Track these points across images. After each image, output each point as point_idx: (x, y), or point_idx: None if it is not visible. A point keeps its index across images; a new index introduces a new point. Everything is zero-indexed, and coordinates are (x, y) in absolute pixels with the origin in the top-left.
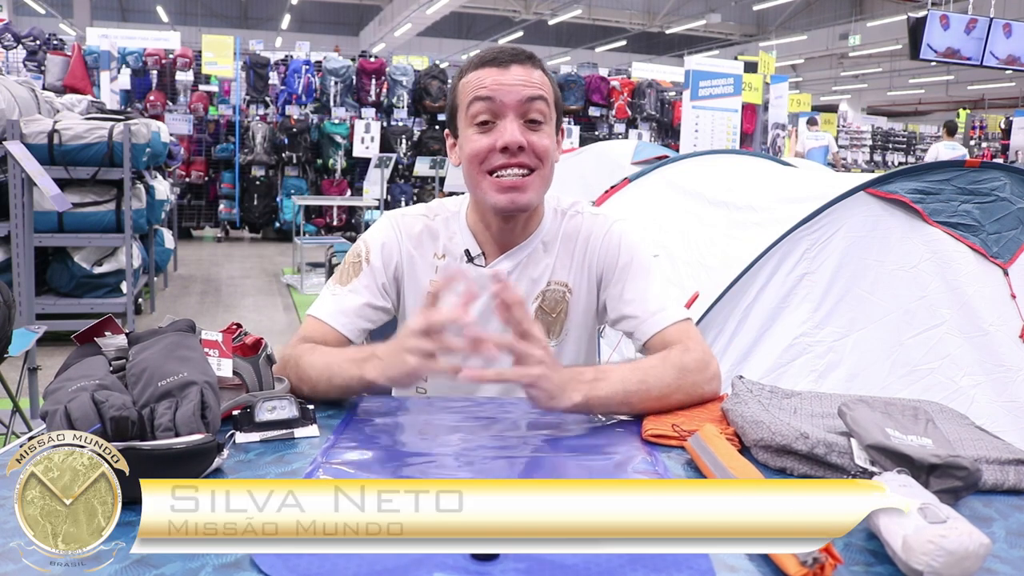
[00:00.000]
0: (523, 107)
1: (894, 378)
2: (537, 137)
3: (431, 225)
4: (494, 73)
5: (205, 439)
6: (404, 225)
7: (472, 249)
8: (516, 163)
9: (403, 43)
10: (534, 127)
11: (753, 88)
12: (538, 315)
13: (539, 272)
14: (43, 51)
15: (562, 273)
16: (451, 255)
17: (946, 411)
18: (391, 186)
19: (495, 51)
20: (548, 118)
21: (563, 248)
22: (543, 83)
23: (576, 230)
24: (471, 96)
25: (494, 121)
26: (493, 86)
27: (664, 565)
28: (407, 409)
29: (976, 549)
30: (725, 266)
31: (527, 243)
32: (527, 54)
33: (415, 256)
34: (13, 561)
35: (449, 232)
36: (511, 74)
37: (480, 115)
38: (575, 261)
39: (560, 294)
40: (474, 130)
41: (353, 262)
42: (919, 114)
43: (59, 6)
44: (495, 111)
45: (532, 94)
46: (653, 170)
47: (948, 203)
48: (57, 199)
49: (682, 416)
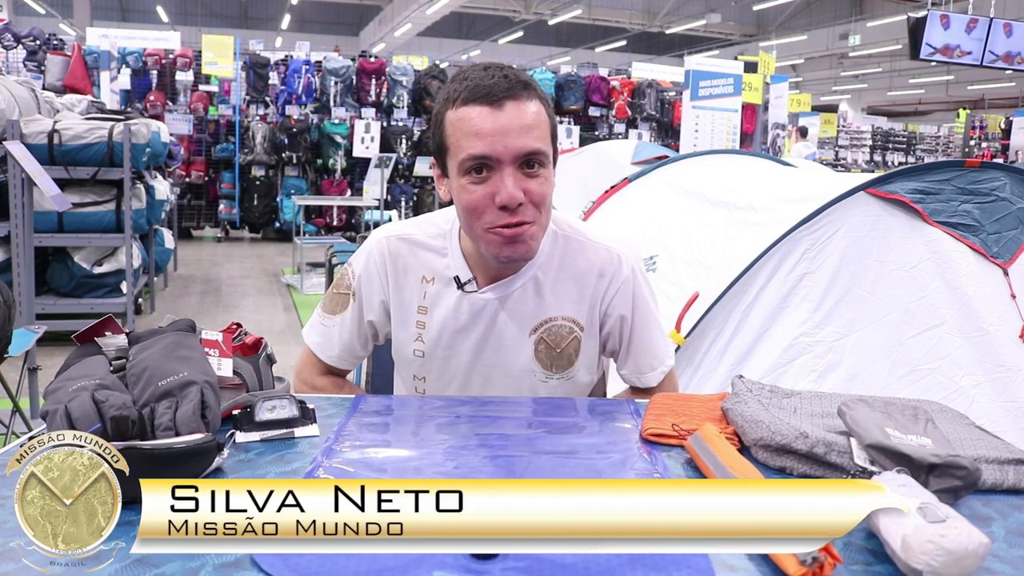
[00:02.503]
0: (520, 158)
1: (894, 378)
2: (536, 184)
3: (419, 245)
4: (487, 116)
5: (205, 439)
6: (390, 249)
7: (463, 275)
8: (516, 220)
9: (403, 43)
10: (532, 172)
11: (753, 88)
12: (539, 347)
13: (535, 303)
14: (43, 51)
15: (570, 309)
16: (440, 279)
17: (946, 411)
18: (391, 186)
19: (487, 85)
20: (547, 158)
21: (568, 282)
22: (539, 121)
23: (585, 263)
24: (463, 152)
25: (488, 171)
26: (488, 137)
27: (664, 565)
28: (407, 408)
29: (975, 548)
30: (725, 266)
31: (523, 272)
32: (521, 83)
33: (401, 282)
34: (13, 561)
35: (440, 253)
36: (506, 115)
37: (474, 167)
38: (587, 297)
39: (567, 329)
40: (467, 179)
41: (342, 292)
42: (919, 114)
43: (59, 6)
44: (490, 164)
45: (530, 148)
46: (653, 170)
47: (948, 203)
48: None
49: (682, 415)
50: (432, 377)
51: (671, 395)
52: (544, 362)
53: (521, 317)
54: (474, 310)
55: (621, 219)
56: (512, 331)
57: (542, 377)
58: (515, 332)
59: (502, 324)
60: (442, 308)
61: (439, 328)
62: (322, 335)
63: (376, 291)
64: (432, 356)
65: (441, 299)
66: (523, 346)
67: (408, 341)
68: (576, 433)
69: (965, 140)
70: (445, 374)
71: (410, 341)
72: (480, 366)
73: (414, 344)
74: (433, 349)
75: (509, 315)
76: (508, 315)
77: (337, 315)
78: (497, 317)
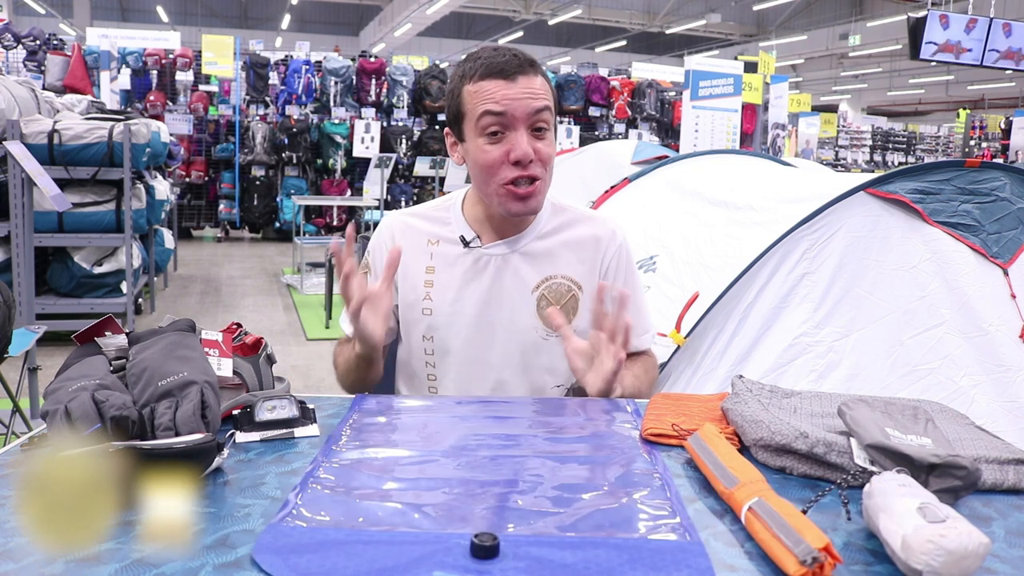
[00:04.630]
0: (531, 119)
1: (894, 378)
2: (543, 144)
3: (423, 216)
4: (502, 86)
5: (205, 439)
6: (395, 223)
7: (467, 235)
8: (527, 175)
9: (403, 43)
10: (540, 135)
11: (753, 88)
12: (541, 304)
13: (537, 261)
14: (43, 51)
15: (569, 269)
16: (446, 241)
17: (946, 411)
18: (391, 186)
19: (500, 62)
20: (551, 124)
21: (567, 245)
22: (545, 91)
23: (582, 229)
24: (481, 109)
25: (503, 131)
26: (504, 100)
27: (663, 564)
28: (408, 408)
29: (975, 548)
30: (725, 266)
31: (525, 233)
32: (529, 61)
33: (407, 247)
34: (13, 561)
35: (443, 222)
36: (518, 87)
37: (491, 127)
38: (585, 260)
39: (566, 287)
40: (484, 140)
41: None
42: (919, 114)
43: (59, 6)
44: (505, 124)
45: (539, 106)
46: (653, 170)
47: (948, 203)
48: (57, 199)
49: (682, 415)
50: (440, 335)
51: (671, 395)
52: (545, 319)
53: (524, 273)
54: (479, 265)
55: (621, 219)
56: (516, 285)
57: (543, 334)
58: (519, 287)
59: (507, 279)
60: (448, 264)
61: (446, 283)
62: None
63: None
64: (439, 312)
65: (447, 257)
66: (527, 301)
67: (416, 301)
68: (576, 433)
69: (965, 140)
70: (452, 329)
71: (419, 301)
72: (485, 322)
73: (423, 303)
74: (440, 304)
75: (513, 271)
76: (512, 271)
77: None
78: (501, 272)
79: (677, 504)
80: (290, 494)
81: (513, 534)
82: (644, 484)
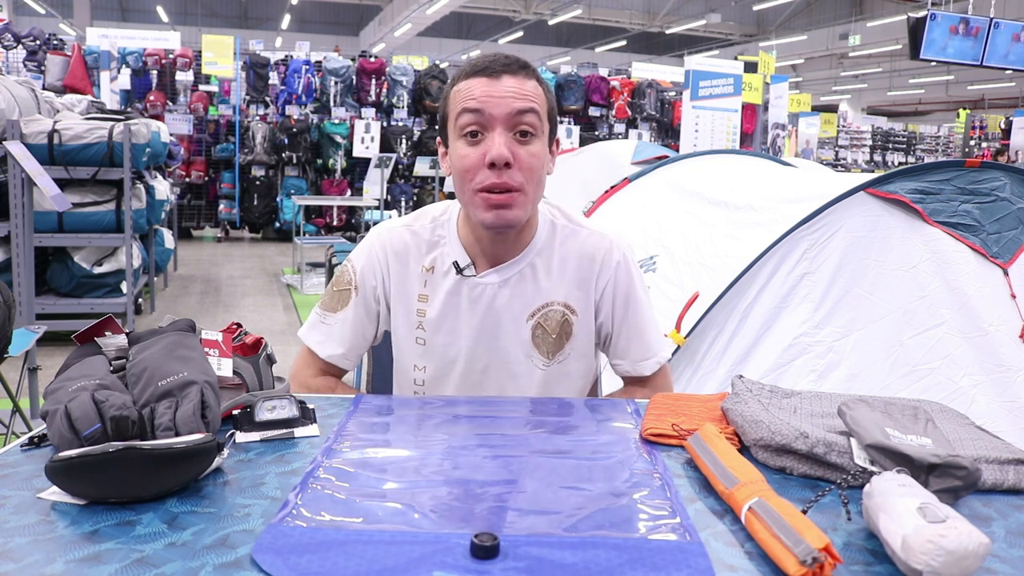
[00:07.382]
0: (512, 120)
1: (894, 378)
2: (526, 151)
3: (417, 236)
4: (484, 84)
5: (205, 439)
6: (389, 241)
7: (461, 260)
8: (501, 183)
9: (403, 43)
10: (524, 140)
11: (753, 88)
12: (536, 332)
13: (533, 288)
14: (43, 51)
15: (562, 293)
16: (440, 267)
17: (946, 411)
18: (391, 186)
19: (487, 60)
20: (540, 131)
21: (563, 267)
22: (535, 94)
23: (578, 249)
24: (460, 107)
25: (483, 133)
26: (482, 97)
27: (664, 564)
28: (407, 408)
29: (975, 549)
30: (725, 266)
31: (520, 258)
32: (520, 63)
33: (402, 273)
34: (13, 561)
35: (437, 242)
36: (502, 85)
37: (468, 127)
38: (578, 282)
39: (561, 314)
40: (463, 142)
41: (343, 289)
42: (919, 114)
43: (59, 6)
44: (483, 123)
45: (522, 107)
46: (653, 170)
47: (948, 203)
48: (57, 199)
49: (682, 415)
50: (432, 366)
51: (671, 395)
52: (541, 348)
53: (519, 302)
54: (473, 295)
55: (621, 219)
56: (510, 315)
57: (540, 364)
58: (513, 316)
59: (500, 308)
60: (442, 294)
61: (439, 314)
62: (324, 333)
63: (378, 283)
64: (433, 343)
65: (441, 286)
66: (521, 331)
67: (410, 329)
68: (576, 433)
69: (965, 140)
70: (445, 360)
71: (411, 329)
72: (479, 352)
73: (415, 332)
74: (434, 335)
75: (507, 300)
76: (506, 300)
77: (339, 312)
78: (495, 301)
79: (677, 504)
80: (290, 494)
81: (513, 534)
82: (644, 484)
